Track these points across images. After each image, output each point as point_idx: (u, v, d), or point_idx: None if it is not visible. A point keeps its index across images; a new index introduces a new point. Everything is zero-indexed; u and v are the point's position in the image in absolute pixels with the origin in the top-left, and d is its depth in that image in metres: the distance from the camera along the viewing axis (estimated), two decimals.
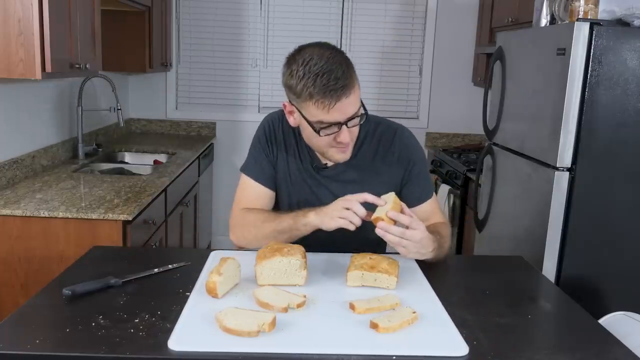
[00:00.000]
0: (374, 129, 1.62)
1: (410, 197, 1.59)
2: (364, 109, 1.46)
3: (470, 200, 3.30)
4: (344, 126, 1.42)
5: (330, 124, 1.41)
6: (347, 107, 1.39)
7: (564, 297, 1.43)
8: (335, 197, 1.52)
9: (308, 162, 1.60)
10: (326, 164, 1.60)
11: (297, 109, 1.45)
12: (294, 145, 1.61)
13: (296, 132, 1.61)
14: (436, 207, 1.67)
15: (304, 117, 1.44)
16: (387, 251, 1.71)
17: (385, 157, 1.60)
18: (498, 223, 2.77)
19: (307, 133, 1.49)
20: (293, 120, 1.51)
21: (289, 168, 1.61)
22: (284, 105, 1.51)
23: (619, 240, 2.25)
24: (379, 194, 1.45)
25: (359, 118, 1.44)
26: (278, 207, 1.66)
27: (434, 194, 1.68)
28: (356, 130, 1.49)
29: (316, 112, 1.39)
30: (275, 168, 1.62)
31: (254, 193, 1.62)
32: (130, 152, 3.59)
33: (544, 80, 2.34)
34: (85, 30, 2.39)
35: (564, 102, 2.17)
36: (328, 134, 1.43)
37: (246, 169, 1.64)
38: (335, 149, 1.48)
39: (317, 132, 1.42)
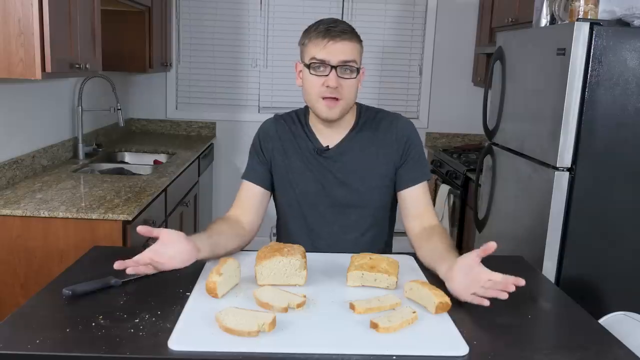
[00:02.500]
0: (373, 116, 1.70)
1: (405, 178, 1.65)
2: (357, 69, 1.55)
3: (470, 200, 3.30)
4: (334, 70, 1.50)
5: (322, 63, 1.51)
6: (340, 50, 1.50)
7: (564, 297, 1.43)
8: (336, 178, 1.63)
9: (310, 149, 1.65)
10: (327, 146, 1.64)
11: (302, 62, 1.57)
12: (292, 139, 1.68)
13: (294, 127, 1.69)
14: (428, 195, 1.69)
15: (304, 63, 1.55)
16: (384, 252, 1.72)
17: (384, 138, 1.66)
18: (498, 223, 2.77)
19: (305, 83, 1.57)
20: (299, 80, 1.61)
21: (290, 161, 1.66)
22: (295, 65, 1.62)
23: (619, 240, 2.24)
24: (380, 171, 1.62)
25: (350, 69, 1.53)
26: (282, 202, 1.70)
27: (427, 181, 1.69)
28: (348, 85, 1.54)
29: (312, 50, 1.52)
30: (272, 168, 1.68)
31: (246, 193, 1.68)
32: (130, 152, 3.59)
33: (544, 80, 2.34)
34: (85, 30, 2.39)
35: (564, 102, 2.17)
36: (318, 75, 1.52)
37: (243, 175, 1.71)
38: (324, 102, 1.54)
39: (309, 67, 1.52)
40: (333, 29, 1.50)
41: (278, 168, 1.67)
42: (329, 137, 1.65)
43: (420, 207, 1.64)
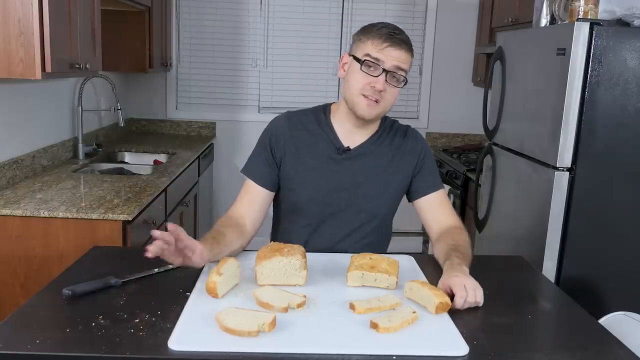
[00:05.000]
0: (390, 125, 1.72)
1: (422, 186, 1.67)
2: (405, 81, 1.57)
3: (470, 200, 3.30)
4: (384, 74, 1.52)
5: (375, 63, 1.52)
6: (396, 57, 1.52)
7: (564, 297, 1.43)
8: (353, 180, 1.62)
9: (329, 148, 1.64)
10: (348, 146, 1.64)
11: (352, 55, 1.57)
12: (307, 138, 1.65)
13: (310, 126, 1.67)
14: (446, 201, 1.70)
15: (354, 57, 1.55)
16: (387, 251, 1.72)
17: (400, 147, 1.68)
18: (498, 223, 2.77)
19: (350, 76, 1.57)
20: (342, 72, 1.62)
21: (303, 161, 1.64)
22: (342, 57, 1.63)
23: (619, 240, 2.24)
24: (395, 178, 1.64)
25: (399, 79, 1.55)
26: (288, 201, 1.67)
27: (444, 189, 1.71)
28: (391, 93, 1.56)
29: (369, 48, 1.53)
30: (280, 168, 1.65)
31: (252, 193, 1.65)
32: (130, 152, 3.59)
33: (544, 80, 2.34)
34: (85, 30, 2.39)
35: (564, 102, 2.17)
36: (367, 73, 1.53)
37: (248, 171, 1.67)
38: (365, 100, 1.55)
39: (361, 63, 1.53)
40: (395, 35, 1.53)
41: (288, 167, 1.64)
42: (350, 138, 1.64)
43: (436, 214, 1.65)
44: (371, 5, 4.28)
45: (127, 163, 3.43)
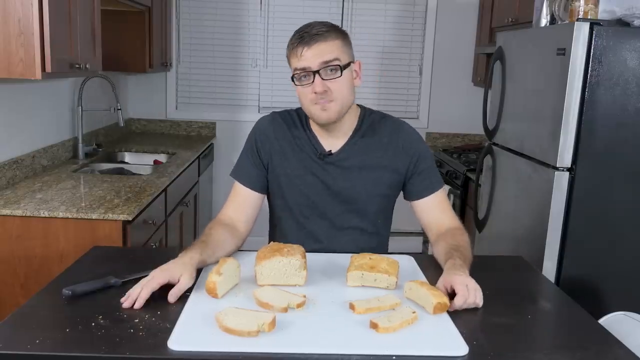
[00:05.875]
0: (378, 120, 1.66)
1: (418, 189, 1.63)
2: (343, 66, 1.49)
3: (470, 200, 3.30)
4: (317, 75, 1.48)
5: (305, 72, 1.49)
6: (315, 54, 1.47)
7: (564, 297, 1.43)
8: (338, 184, 1.59)
9: (312, 153, 1.62)
10: (330, 151, 1.61)
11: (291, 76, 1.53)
12: (292, 141, 1.63)
13: (294, 129, 1.65)
14: (445, 202, 1.66)
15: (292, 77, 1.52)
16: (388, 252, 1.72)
17: (389, 146, 1.62)
18: (498, 223, 2.77)
19: (298, 94, 1.55)
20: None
21: (289, 163, 1.62)
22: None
23: (619, 240, 2.24)
24: (381, 181, 1.59)
25: (332, 69, 1.48)
26: (279, 204, 1.66)
27: (444, 189, 1.67)
28: (336, 86, 1.50)
29: (293, 61, 1.52)
30: (268, 170, 1.64)
31: (242, 196, 1.64)
32: (130, 152, 3.59)
33: (544, 80, 2.34)
34: (85, 30, 2.39)
35: (564, 102, 2.17)
36: (303, 85, 1.51)
37: (236, 175, 1.67)
38: (317, 107, 1.52)
39: (293, 80, 1.51)
40: (306, 34, 1.48)
41: (275, 170, 1.63)
42: (331, 141, 1.62)
43: (434, 216, 1.62)
44: (371, 5, 4.28)
45: (127, 163, 3.43)
